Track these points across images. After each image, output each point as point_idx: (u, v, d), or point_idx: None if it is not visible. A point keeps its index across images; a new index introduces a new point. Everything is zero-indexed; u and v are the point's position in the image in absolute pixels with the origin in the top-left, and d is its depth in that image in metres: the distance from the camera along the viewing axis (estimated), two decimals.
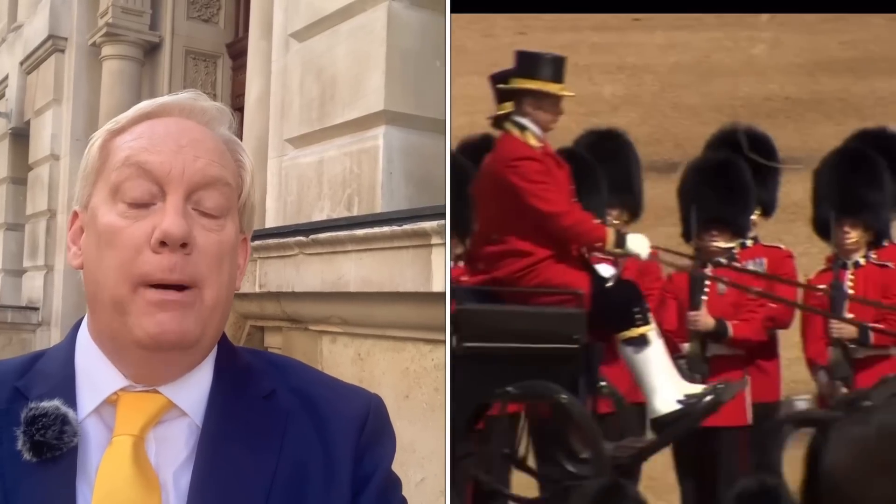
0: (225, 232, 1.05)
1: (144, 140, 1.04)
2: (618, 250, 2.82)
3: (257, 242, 3.87)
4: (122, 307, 1.00)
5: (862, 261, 3.15)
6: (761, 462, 2.67)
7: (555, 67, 2.86)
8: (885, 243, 3.18)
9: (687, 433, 2.74)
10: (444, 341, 3.05)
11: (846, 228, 3.09)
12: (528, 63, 2.87)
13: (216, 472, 1.02)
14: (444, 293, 2.94)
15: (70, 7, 8.33)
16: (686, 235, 3.25)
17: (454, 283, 2.84)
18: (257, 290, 4.05)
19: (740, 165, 3.19)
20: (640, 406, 2.90)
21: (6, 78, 10.06)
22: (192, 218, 1.02)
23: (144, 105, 1.10)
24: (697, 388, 2.78)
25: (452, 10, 3.04)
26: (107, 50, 7.59)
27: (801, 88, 2.89)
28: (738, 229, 3.19)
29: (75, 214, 1.09)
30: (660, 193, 3.60)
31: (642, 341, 2.77)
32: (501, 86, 2.92)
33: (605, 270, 2.99)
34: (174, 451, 1.03)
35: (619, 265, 3.12)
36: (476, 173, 3.02)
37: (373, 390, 1.17)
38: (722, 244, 3.16)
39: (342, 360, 3.62)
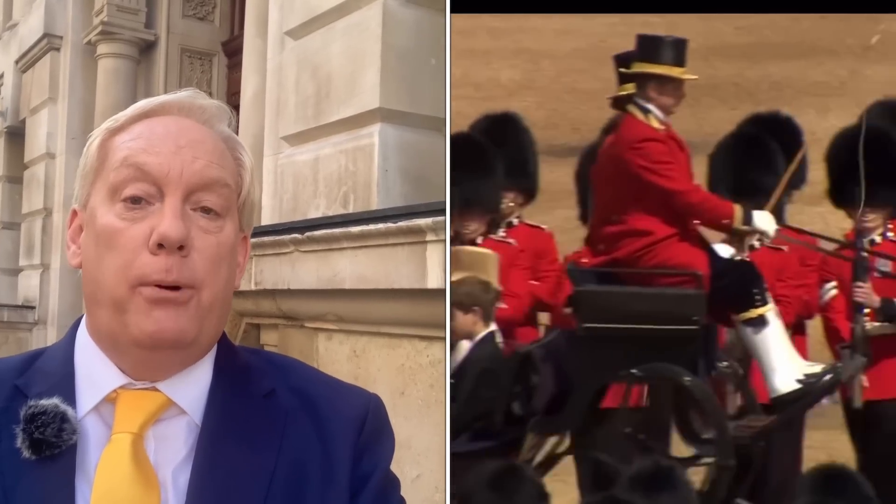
0: (224, 233, 1.05)
1: (143, 140, 1.04)
2: (745, 227, 2.82)
3: (253, 240, 3.85)
4: (121, 306, 1.00)
5: (756, 244, 3.13)
6: None
7: (676, 51, 2.85)
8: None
9: (805, 412, 2.76)
10: (440, 338, 3.07)
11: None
12: (651, 47, 2.86)
13: (215, 471, 1.02)
14: (439, 290, 2.95)
15: (65, 5, 8.32)
16: (583, 218, 3.23)
17: (574, 264, 2.87)
18: (253, 287, 4.05)
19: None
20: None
21: (1, 76, 10.05)
22: (190, 219, 1.02)
23: (143, 104, 1.10)
24: (816, 368, 2.79)
25: (452, 11, 3.07)
26: (102, 48, 7.59)
27: (697, 73, 2.86)
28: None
29: (74, 213, 1.09)
30: (558, 177, 3.57)
31: (761, 322, 2.78)
32: (623, 69, 2.93)
33: (724, 251, 2.99)
34: (173, 449, 1.04)
35: None
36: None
37: (368, 387, 1.18)
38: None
39: (338, 357, 3.64)
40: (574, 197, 3.31)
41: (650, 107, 2.87)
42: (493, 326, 2.86)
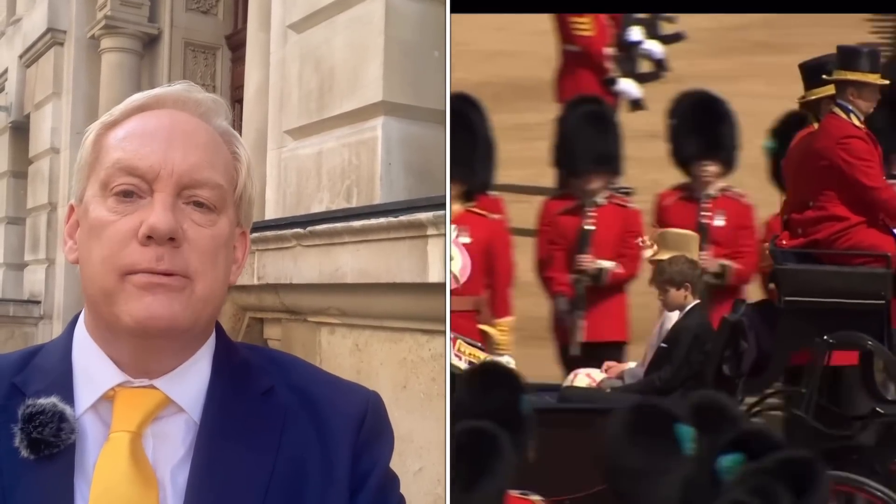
0: (218, 226, 1.04)
1: (136, 140, 1.03)
2: None
3: (255, 235, 3.87)
4: (111, 296, 1.00)
5: (602, 201, 3.65)
6: None
7: (872, 60, 3.21)
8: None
9: None
10: (442, 332, 3.06)
11: (591, 177, 3.63)
12: (850, 56, 3.21)
13: (214, 470, 1.01)
14: (440, 284, 2.96)
15: (68, 0, 8.33)
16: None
17: (775, 246, 3.21)
18: (256, 282, 4.06)
19: None
20: None
21: (5, 72, 10.06)
22: (182, 212, 1.02)
23: (138, 97, 1.09)
24: None
25: (452, 10, 3.14)
26: (106, 43, 7.58)
27: None
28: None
29: (71, 208, 1.09)
30: None
31: None
32: (826, 76, 3.29)
33: None
34: (172, 447, 1.03)
35: None
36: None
37: (370, 381, 1.18)
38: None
39: (340, 350, 3.64)
40: None
41: (851, 108, 3.19)
42: (698, 299, 3.23)
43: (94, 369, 1.04)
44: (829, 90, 3.29)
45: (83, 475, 0.99)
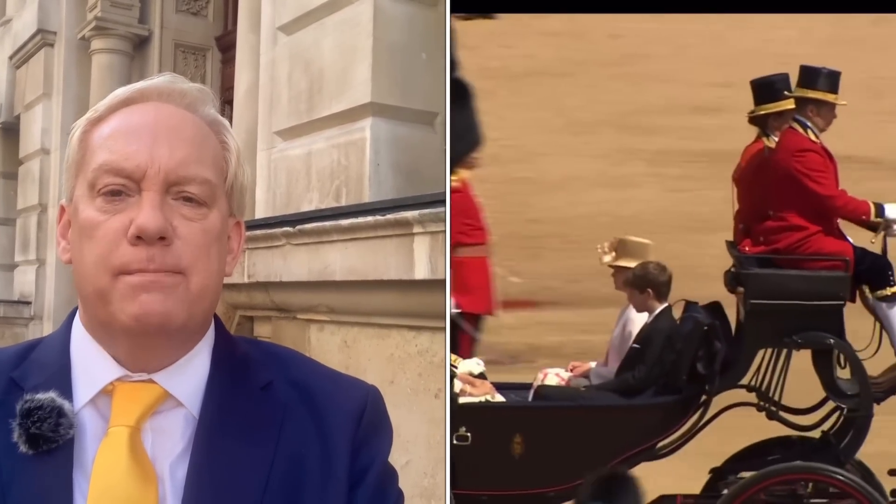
0: (209, 220, 1.03)
1: (121, 139, 1.02)
2: (879, 219, 3.31)
3: (246, 233, 3.90)
4: (105, 295, 0.99)
5: None
6: None
7: (832, 80, 3.38)
8: None
9: None
10: (429, 328, 3.12)
11: None
12: (812, 76, 3.38)
13: (213, 464, 1.01)
14: (426, 281, 3.01)
15: (59, 1, 8.31)
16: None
17: (739, 252, 3.37)
18: (246, 280, 4.09)
19: None
20: None
21: None
22: (172, 208, 1.01)
23: (122, 91, 1.07)
24: None
25: (452, 11, 3.20)
26: (96, 44, 7.59)
27: None
28: None
29: (62, 209, 1.08)
30: None
31: (895, 298, 3.31)
32: (786, 94, 3.45)
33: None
34: (171, 442, 1.02)
35: None
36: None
37: (358, 376, 1.18)
38: None
39: (329, 347, 3.68)
40: None
41: (809, 123, 3.37)
42: (666, 303, 3.39)
43: (92, 364, 1.04)
44: (778, 106, 3.49)
45: (82, 470, 0.99)
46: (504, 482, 3.03)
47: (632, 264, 3.47)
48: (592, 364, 3.54)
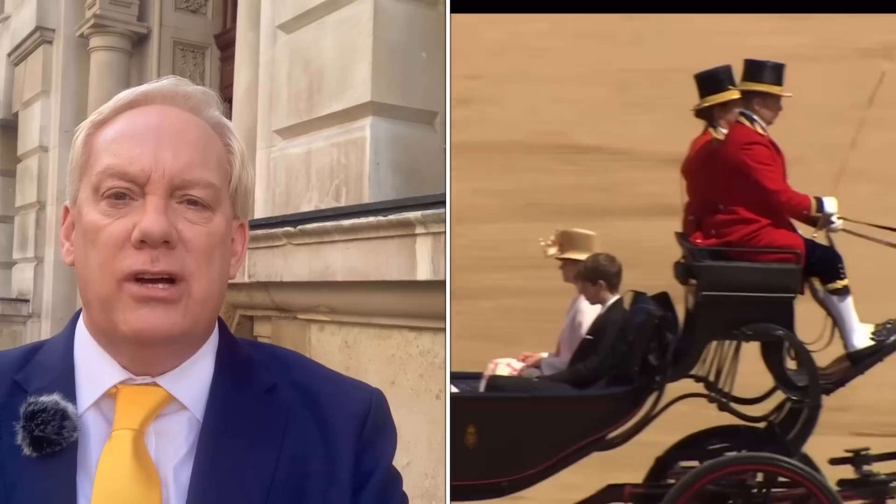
0: (213, 223, 1.03)
1: (125, 143, 1.02)
2: (819, 214, 3.33)
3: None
4: (108, 304, 1.00)
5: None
6: None
7: (777, 73, 3.38)
8: None
9: (875, 364, 3.35)
10: (430, 328, 3.11)
11: None
12: (756, 69, 3.39)
13: (216, 468, 1.01)
14: (428, 282, 3.00)
15: None
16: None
17: (691, 244, 3.38)
18: (246, 279, 4.09)
19: None
20: None
21: None
22: (176, 212, 1.01)
23: (126, 94, 1.07)
24: (871, 328, 3.38)
25: (452, 11, 3.21)
26: (95, 41, 7.57)
27: None
28: None
29: (66, 210, 1.08)
30: None
31: (845, 291, 3.34)
32: (732, 87, 3.46)
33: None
34: (174, 445, 1.03)
35: None
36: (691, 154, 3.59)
37: (359, 377, 1.18)
38: None
39: (330, 347, 3.68)
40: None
41: (755, 117, 3.38)
42: (618, 294, 3.40)
43: (96, 367, 1.04)
44: (721, 98, 3.49)
45: (86, 473, 0.99)
46: (458, 473, 3.04)
47: (581, 256, 3.47)
48: (544, 354, 3.56)
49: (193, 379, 1.05)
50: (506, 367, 3.45)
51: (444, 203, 2.95)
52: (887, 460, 3.34)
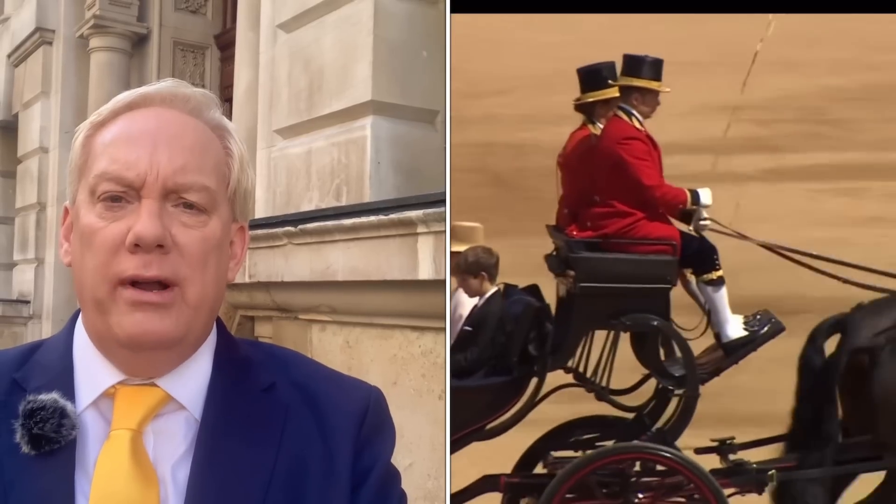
0: (209, 227, 1.03)
1: (122, 146, 1.02)
2: (694, 206, 3.38)
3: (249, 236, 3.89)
4: (103, 307, 1.00)
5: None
6: None
7: (655, 69, 3.43)
8: None
9: (748, 354, 3.41)
10: (432, 328, 3.10)
11: None
12: (635, 64, 3.43)
13: (215, 466, 1.01)
14: (430, 281, 2.99)
15: None
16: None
17: (567, 236, 3.40)
18: (247, 279, 4.08)
19: None
20: None
21: None
22: (171, 216, 1.01)
23: (125, 96, 1.08)
24: (741, 318, 3.43)
25: (452, 11, 3.23)
26: (94, 42, 7.57)
27: None
28: None
29: (66, 211, 1.08)
30: None
31: (720, 282, 3.39)
32: (611, 82, 3.47)
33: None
34: (172, 444, 1.03)
35: None
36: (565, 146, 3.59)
37: (361, 377, 1.18)
38: None
39: (331, 347, 3.67)
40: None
41: (633, 111, 3.41)
42: (496, 287, 3.41)
43: (94, 367, 1.04)
44: (603, 94, 3.50)
45: (84, 471, 1.00)
46: None
47: (461, 248, 3.46)
48: None
49: (191, 378, 1.05)
50: None
51: (445, 202, 2.95)
52: (750, 448, 3.39)
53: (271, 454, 1.03)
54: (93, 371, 1.04)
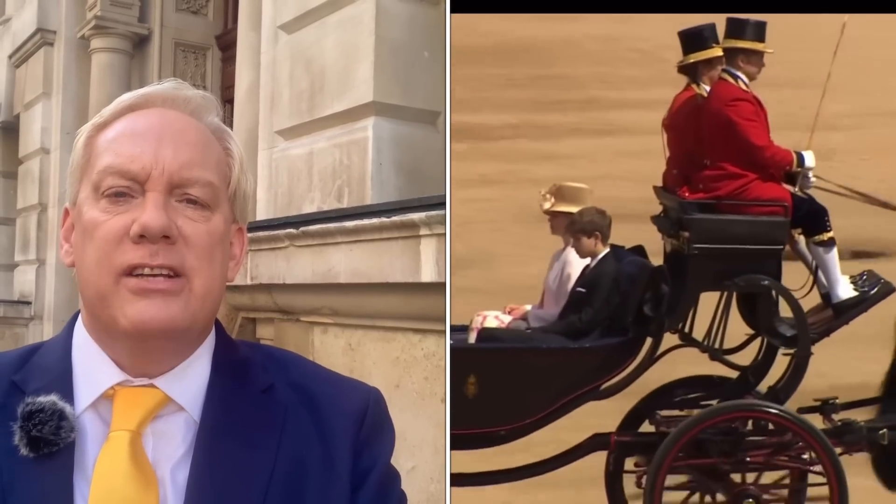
0: (212, 222, 1.04)
1: (126, 142, 1.03)
2: (799, 168, 3.42)
3: (248, 235, 3.87)
4: (106, 298, 1.00)
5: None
6: None
7: (759, 30, 3.45)
8: None
9: (859, 315, 3.44)
10: (434, 331, 3.09)
11: None
12: (739, 26, 3.46)
13: (214, 468, 1.01)
14: (433, 283, 2.98)
15: (58, 0, 8.30)
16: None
17: (678, 197, 3.43)
18: (249, 282, 4.07)
19: None
20: None
21: None
22: (176, 210, 1.02)
23: (127, 97, 1.09)
24: (848, 279, 3.47)
25: (452, 11, 3.23)
26: (96, 43, 7.57)
27: None
28: None
29: (66, 212, 1.08)
30: None
31: (831, 243, 3.42)
32: (716, 44, 3.51)
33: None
34: (172, 446, 1.03)
35: None
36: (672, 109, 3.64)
37: (363, 380, 1.18)
38: None
39: (333, 350, 3.66)
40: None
41: (739, 74, 3.44)
42: (608, 247, 3.44)
43: (93, 368, 1.04)
44: (706, 55, 3.54)
45: (83, 474, 0.99)
46: (458, 422, 3.07)
47: (573, 209, 3.50)
48: (528, 307, 3.58)
49: (190, 380, 1.05)
50: (494, 319, 3.47)
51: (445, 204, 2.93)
52: (853, 408, 3.41)
53: (270, 455, 1.03)
54: (92, 372, 1.04)
